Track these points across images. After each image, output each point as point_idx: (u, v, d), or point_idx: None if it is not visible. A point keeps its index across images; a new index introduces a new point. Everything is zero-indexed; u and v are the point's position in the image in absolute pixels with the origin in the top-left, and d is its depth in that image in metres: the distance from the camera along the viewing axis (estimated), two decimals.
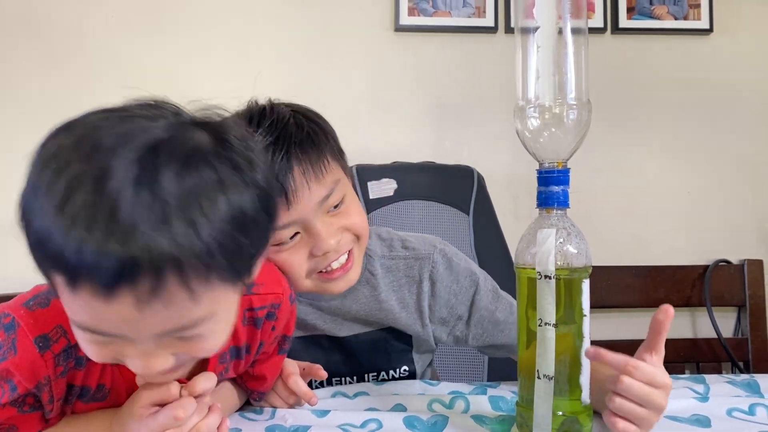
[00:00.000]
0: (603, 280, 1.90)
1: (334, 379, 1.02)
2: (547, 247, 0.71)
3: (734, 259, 1.99)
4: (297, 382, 0.88)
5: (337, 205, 0.89)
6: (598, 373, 0.75)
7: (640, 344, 0.75)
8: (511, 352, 1.02)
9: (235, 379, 0.89)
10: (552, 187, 0.73)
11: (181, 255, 0.52)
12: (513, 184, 1.92)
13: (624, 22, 1.98)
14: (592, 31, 1.95)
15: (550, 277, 0.70)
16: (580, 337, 0.73)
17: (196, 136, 0.57)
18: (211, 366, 0.76)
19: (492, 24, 1.96)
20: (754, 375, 0.99)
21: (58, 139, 0.55)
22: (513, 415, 0.82)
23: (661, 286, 1.95)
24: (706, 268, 1.96)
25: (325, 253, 0.88)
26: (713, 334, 1.91)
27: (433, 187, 1.57)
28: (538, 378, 0.71)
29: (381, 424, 0.82)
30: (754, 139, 2.03)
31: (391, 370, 1.04)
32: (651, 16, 1.99)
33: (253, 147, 0.62)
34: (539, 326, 0.71)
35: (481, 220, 1.54)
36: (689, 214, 2.02)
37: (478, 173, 1.61)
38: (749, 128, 2.03)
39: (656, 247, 2.00)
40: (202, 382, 0.68)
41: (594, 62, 0.74)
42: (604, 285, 1.90)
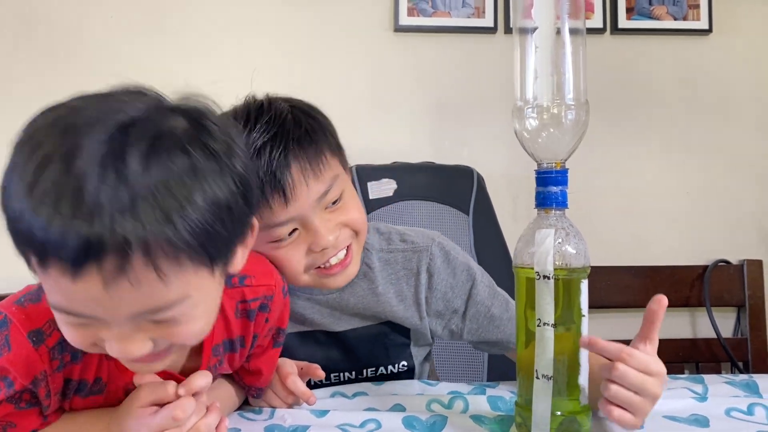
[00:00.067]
0: (602, 280, 1.90)
1: (332, 375, 1.02)
2: (546, 248, 0.71)
3: (734, 259, 1.99)
4: (295, 382, 0.88)
5: (335, 201, 0.89)
6: (591, 364, 0.75)
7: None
8: (505, 349, 1.02)
9: (233, 378, 0.89)
10: (550, 188, 0.73)
11: (147, 234, 0.52)
12: (512, 184, 1.92)
13: (623, 23, 1.98)
14: (592, 31, 1.96)
15: (549, 278, 0.70)
16: (579, 338, 0.73)
17: (171, 120, 0.58)
18: (205, 358, 0.76)
19: (491, 24, 1.96)
20: (753, 375, 0.99)
21: (37, 121, 0.56)
22: (512, 415, 0.82)
23: (661, 287, 1.93)
24: (706, 268, 1.96)
25: (324, 249, 0.88)
26: (712, 335, 1.91)
27: (433, 188, 1.57)
28: (537, 378, 0.71)
29: (380, 424, 0.82)
30: (754, 139, 2.03)
31: (389, 365, 1.04)
32: (650, 17, 1.99)
33: (233, 134, 0.62)
34: (538, 326, 0.71)
35: (481, 220, 1.54)
36: (688, 215, 2.02)
37: (478, 173, 1.61)
38: (748, 128, 2.03)
39: (655, 248, 2.00)
40: (197, 380, 0.69)
41: (593, 62, 0.74)
42: (603, 285, 1.91)
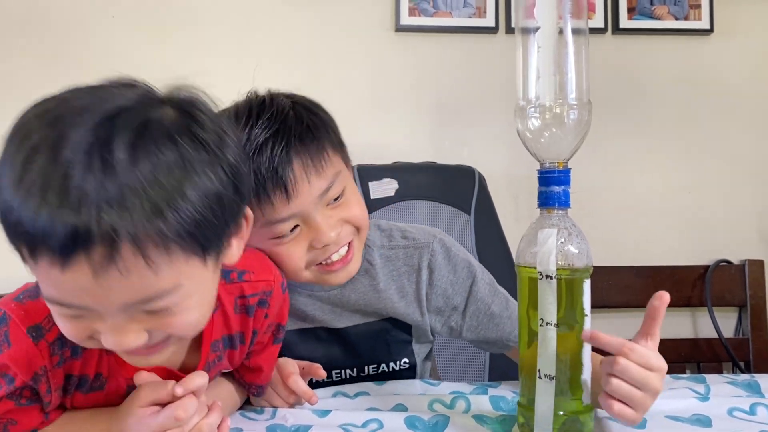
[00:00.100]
0: (604, 280, 1.90)
1: (333, 372, 1.02)
2: (548, 247, 0.71)
3: (735, 259, 1.99)
4: (297, 382, 0.88)
5: (337, 198, 0.89)
6: (593, 363, 0.75)
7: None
8: (505, 348, 1.02)
9: (234, 376, 0.89)
10: (553, 187, 0.73)
11: (134, 223, 0.52)
12: (513, 184, 1.92)
13: (624, 23, 1.98)
14: (593, 31, 1.95)
15: (552, 277, 0.70)
16: (581, 338, 0.73)
17: (159, 110, 0.58)
18: (204, 354, 0.76)
19: (492, 24, 1.96)
20: (755, 375, 0.99)
21: (26, 114, 0.57)
22: (514, 415, 0.82)
23: (662, 286, 1.89)
24: (707, 268, 1.96)
25: (325, 245, 0.88)
26: (714, 334, 1.91)
27: (434, 187, 1.57)
28: (540, 378, 0.71)
29: (382, 424, 0.82)
30: (755, 139, 2.03)
31: (391, 362, 1.04)
32: (651, 17, 1.99)
33: (224, 124, 0.62)
34: (540, 326, 0.71)
35: (483, 220, 1.54)
36: (690, 214, 2.02)
37: (480, 173, 1.60)
38: (750, 128, 2.03)
39: (657, 247, 2.00)
40: (195, 380, 0.68)
41: (594, 63, 0.74)
42: (605, 285, 1.91)
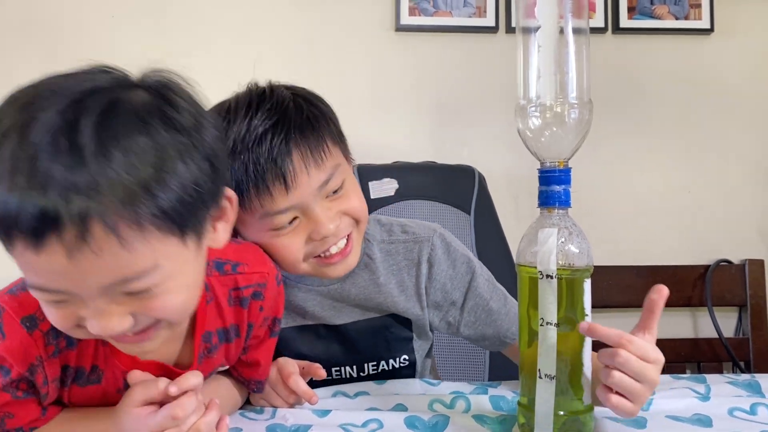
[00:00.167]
0: (604, 279, 1.90)
1: (333, 369, 1.02)
2: (549, 247, 0.70)
3: (735, 259, 1.99)
4: (297, 382, 0.88)
5: (336, 190, 0.89)
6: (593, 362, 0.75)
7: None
8: (502, 345, 1.02)
9: (232, 374, 0.89)
10: (553, 187, 0.72)
11: (103, 201, 0.52)
12: (513, 183, 1.92)
13: (625, 22, 1.98)
14: (593, 30, 1.95)
15: (552, 277, 0.70)
16: (582, 337, 0.73)
17: (130, 92, 0.58)
18: (196, 344, 0.76)
19: (493, 24, 1.96)
20: (755, 375, 0.99)
21: (5, 102, 0.57)
22: (514, 415, 0.82)
23: None
24: (707, 267, 1.96)
25: (324, 237, 0.88)
26: (714, 334, 1.91)
27: (434, 187, 1.57)
28: (540, 377, 0.71)
29: (382, 424, 0.82)
30: (755, 138, 2.03)
31: (390, 359, 1.04)
32: (652, 16, 1.99)
33: (200, 108, 0.63)
34: (541, 326, 0.71)
35: (482, 220, 1.54)
36: (690, 214, 2.02)
37: (479, 173, 1.60)
38: (750, 128, 2.03)
39: (657, 247, 2.00)
40: (189, 379, 0.68)
41: (595, 62, 0.74)
42: (606, 285, 1.90)
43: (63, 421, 0.74)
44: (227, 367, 0.89)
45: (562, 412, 0.72)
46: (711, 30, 1.99)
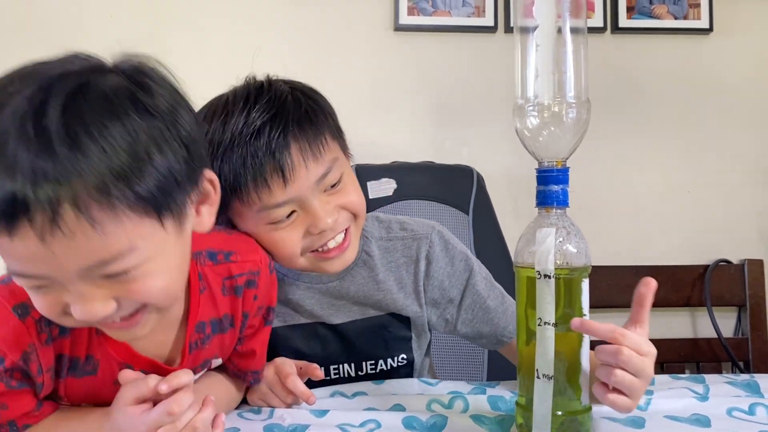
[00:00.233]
0: (603, 279, 1.89)
1: (332, 368, 1.02)
2: (547, 247, 0.70)
3: (734, 259, 1.99)
4: (295, 382, 0.87)
5: (334, 185, 0.89)
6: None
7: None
8: (498, 343, 1.03)
9: (228, 369, 0.88)
10: (551, 186, 0.72)
11: (70, 183, 0.53)
12: (512, 183, 1.92)
13: (624, 22, 1.98)
14: (592, 30, 1.95)
15: (550, 277, 0.70)
16: (580, 337, 0.73)
17: (102, 76, 0.59)
18: (188, 333, 0.76)
19: (491, 23, 1.95)
20: (754, 375, 0.99)
21: None
22: (512, 415, 0.82)
23: (662, 286, 1.90)
24: (707, 267, 1.96)
25: (322, 231, 0.88)
26: (713, 334, 1.91)
27: (433, 187, 1.57)
28: (538, 378, 0.71)
29: (379, 424, 0.82)
30: (754, 138, 2.03)
31: (389, 358, 1.03)
32: (651, 16, 1.98)
33: (177, 93, 0.63)
34: (538, 326, 0.71)
35: (481, 220, 1.54)
36: (689, 214, 2.01)
37: (478, 173, 1.60)
38: (749, 127, 2.02)
39: (656, 247, 2.00)
40: (181, 377, 0.68)
41: (593, 62, 0.73)
42: (604, 285, 1.90)
43: (57, 420, 0.74)
44: (221, 364, 0.89)
45: (560, 412, 0.72)
46: (710, 30, 1.99)
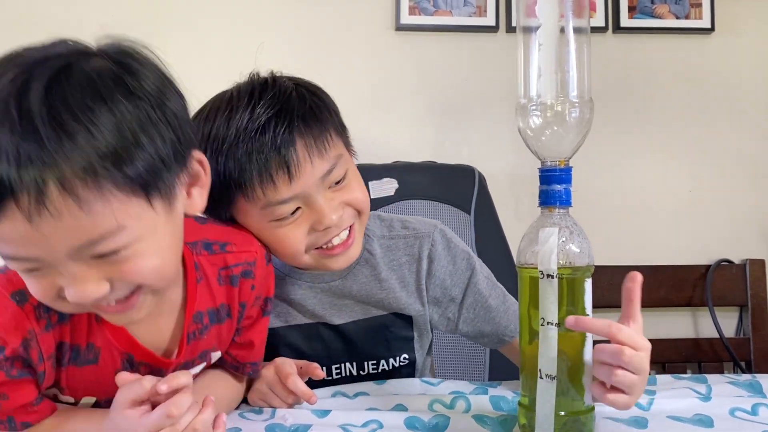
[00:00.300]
0: (604, 279, 1.88)
1: (334, 368, 1.02)
2: (550, 246, 0.70)
3: (736, 259, 1.99)
4: (296, 383, 0.87)
5: (339, 181, 0.89)
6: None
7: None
8: (499, 342, 1.03)
9: (226, 362, 0.88)
10: (554, 186, 0.72)
11: (56, 164, 0.53)
12: (514, 183, 1.92)
13: (625, 21, 1.98)
14: (594, 30, 1.95)
15: (553, 276, 0.70)
16: (583, 337, 0.72)
17: (87, 59, 0.59)
18: (186, 323, 0.76)
19: (493, 23, 1.95)
20: (756, 375, 0.99)
21: None
22: (515, 416, 0.82)
23: (663, 286, 1.94)
24: (708, 267, 1.96)
25: (327, 228, 0.88)
26: (715, 334, 1.91)
27: (434, 187, 1.57)
28: (541, 378, 0.71)
29: (381, 425, 0.81)
30: (756, 138, 2.02)
31: (390, 358, 1.03)
32: (652, 15, 1.98)
33: (164, 75, 0.64)
34: (541, 326, 0.70)
35: (482, 220, 1.54)
36: (691, 214, 2.01)
37: (479, 172, 1.60)
38: (751, 127, 2.02)
39: (658, 247, 2.00)
40: (180, 378, 0.68)
41: (595, 62, 0.73)
42: (606, 284, 1.89)
43: (59, 422, 0.74)
44: (220, 363, 0.89)
45: (563, 413, 0.72)
46: (712, 29, 1.98)
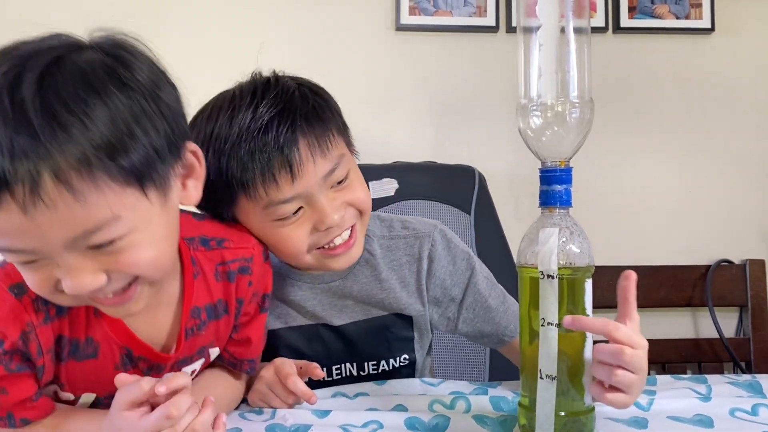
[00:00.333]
0: (604, 280, 1.88)
1: (334, 368, 1.02)
2: (550, 247, 0.70)
3: (736, 259, 1.99)
4: (296, 383, 0.87)
5: (341, 181, 0.89)
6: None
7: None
8: (499, 342, 1.03)
9: (224, 360, 0.88)
10: (554, 186, 0.72)
11: (48, 153, 0.53)
12: (514, 183, 1.92)
13: (625, 22, 1.98)
14: (594, 30, 1.95)
15: (553, 277, 0.70)
16: (583, 337, 0.72)
17: (79, 52, 0.59)
18: (183, 319, 0.76)
19: (493, 23, 1.95)
20: (756, 375, 0.99)
21: None
22: (515, 416, 0.82)
23: (663, 286, 1.94)
24: (708, 268, 1.96)
25: (329, 228, 0.88)
26: (715, 335, 1.91)
27: (434, 187, 1.57)
28: (541, 378, 0.71)
29: (382, 425, 0.81)
30: (756, 138, 2.02)
31: (391, 359, 1.03)
32: (652, 16, 1.98)
33: (157, 68, 0.64)
34: (542, 326, 0.70)
35: (483, 220, 1.54)
36: (691, 214, 2.01)
37: (479, 173, 1.60)
38: (751, 127, 2.02)
39: (658, 247, 2.00)
40: (179, 379, 0.68)
41: (595, 62, 0.73)
42: (606, 285, 1.88)
43: (58, 422, 0.74)
44: (219, 362, 0.89)
45: (563, 413, 0.72)
46: (712, 29, 1.98)
